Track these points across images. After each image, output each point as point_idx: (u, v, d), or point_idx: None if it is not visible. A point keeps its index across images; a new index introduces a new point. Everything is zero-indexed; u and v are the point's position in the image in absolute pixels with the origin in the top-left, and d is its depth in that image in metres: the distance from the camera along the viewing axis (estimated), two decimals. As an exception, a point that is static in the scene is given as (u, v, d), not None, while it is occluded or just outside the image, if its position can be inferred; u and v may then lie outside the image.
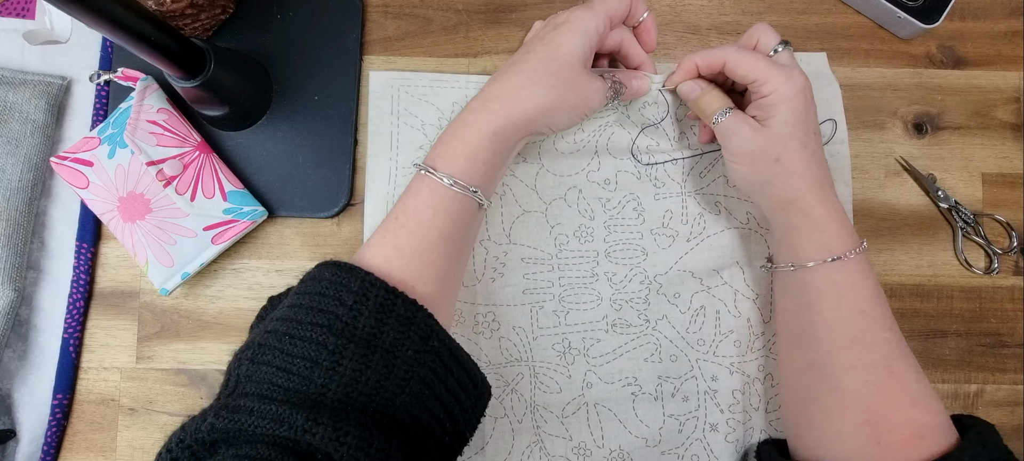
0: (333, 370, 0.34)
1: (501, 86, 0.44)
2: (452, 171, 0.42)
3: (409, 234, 0.41)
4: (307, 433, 0.31)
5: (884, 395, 0.41)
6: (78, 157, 0.49)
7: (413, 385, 0.36)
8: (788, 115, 0.43)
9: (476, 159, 0.42)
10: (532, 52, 0.45)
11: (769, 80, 0.43)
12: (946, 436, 0.40)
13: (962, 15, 0.57)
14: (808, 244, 0.45)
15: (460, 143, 0.43)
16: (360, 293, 0.36)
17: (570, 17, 0.45)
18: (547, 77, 0.43)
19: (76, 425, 0.52)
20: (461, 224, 0.43)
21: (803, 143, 0.44)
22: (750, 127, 0.44)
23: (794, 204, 0.45)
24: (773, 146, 0.44)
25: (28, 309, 0.52)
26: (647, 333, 0.52)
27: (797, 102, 0.43)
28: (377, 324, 0.36)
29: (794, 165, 0.44)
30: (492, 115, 0.43)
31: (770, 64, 0.44)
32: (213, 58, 0.46)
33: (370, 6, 0.56)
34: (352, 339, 0.35)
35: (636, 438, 0.51)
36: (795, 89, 0.43)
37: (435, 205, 0.41)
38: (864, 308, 0.43)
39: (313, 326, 0.35)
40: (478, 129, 0.43)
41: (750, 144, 0.44)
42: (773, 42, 0.45)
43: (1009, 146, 0.56)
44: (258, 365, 0.35)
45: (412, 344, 0.36)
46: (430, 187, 0.42)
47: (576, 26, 0.44)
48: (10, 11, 0.55)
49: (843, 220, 0.44)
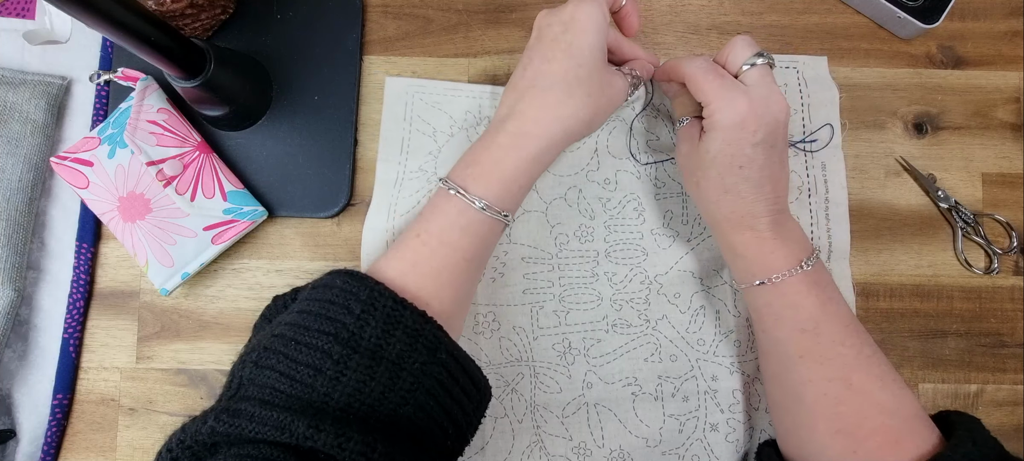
0: (337, 380, 0.34)
1: (536, 106, 0.42)
2: (486, 195, 0.41)
3: (431, 253, 0.40)
4: (309, 440, 0.31)
5: (847, 406, 0.40)
6: (78, 157, 0.49)
7: (418, 396, 0.35)
8: (714, 144, 0.42)
9: (513, 185, 0.41)
10: (554, 60, 0.42)
11: (710, 104, 0.42)
12: (926, 437, 0.39)
13: (962, 15, 0.57)
14: (734, 268, 0.46)
15: (497, 168, 0.41)
16: (368, 303, 0.36)
17: (576, 14, 0.42)
18: (579, 87, 0.42)
19: (76, 425, 0.52)
20: (486, 246, 0.42)
21: (722, 175, 0.42)
22: (687, 144, 0.45)
23: (715, 228, 0.45)
24: (695, 169, 0.44)
25: (28, 309, 0.52)
26: (647, 333, 0.52)
27: (727, 133, 0.41)
28: (383, 335, 0.35)
29: (709, 193, 0.44)
30: (532, 140, 0.41)
31: (720, 87, 0.41)
32: (213, 58, 0.46)
33: (370, 6, 0.56)
34: (357, 349, 0.35)
35: (636, 438, 0.51)
36: (730, 120, 0.41)
37: (462, 228, 0.40)
38: (805, 327, 0.42)
39: (319, 333, 0.35)
40: (517, 155, 0.41)
41: (682, 158, 0.46)
42: (744, 57, 0.42)
43: (1009, 146, 0.56)
44: (262, 369, 0.35)
45: (419, 356, 0.36)
46: (459, 209, 0.41)
47: (588, 22, 0.42)
48: (10, 11, 0.55)
49: (768, 244, 0.43)
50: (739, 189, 0.42)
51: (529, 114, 0.42)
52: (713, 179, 0.43)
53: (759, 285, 0.43)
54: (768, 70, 0.43)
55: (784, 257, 0.43)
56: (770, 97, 0.41)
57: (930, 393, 0.53)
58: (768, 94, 0.41)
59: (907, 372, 0.53)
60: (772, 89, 0.42)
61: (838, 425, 0.40)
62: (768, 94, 0.41)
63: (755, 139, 0.41)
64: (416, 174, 0.53)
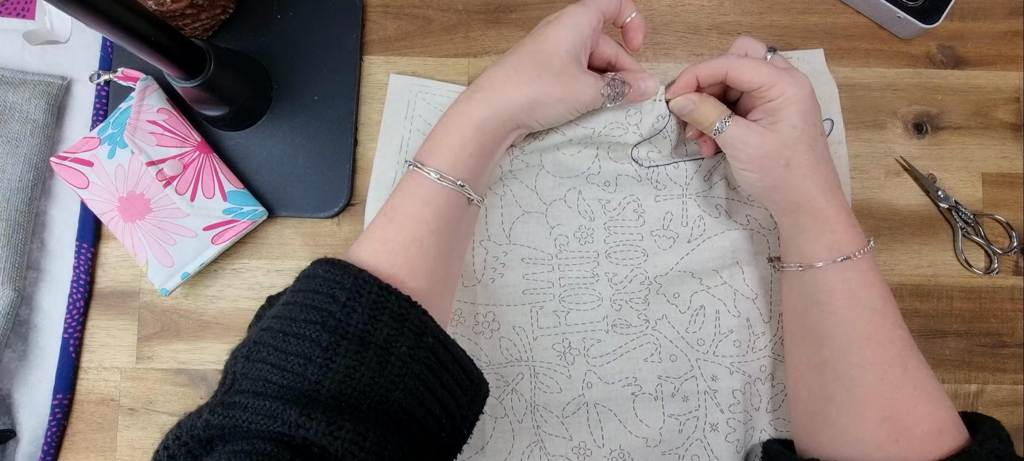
0: (326, 367, 0.34)
1: (487, 77, 0.44)
2: (439, 165, 0.42)
3: (397, 228, 0.41)
4: (301, 428, 0.31)
5: (902, 392, 0.41)
6: (78, 157, 0.49)
7: (408, 381, 0.36)
8: (796, 119, 0.43)
9: (462, 152, 0.42)
10: (522, 44, 0.45)
11: (776, 84, 0.43)
12: (960, 432, 0.41)
13: (962, 15, 0.57)
14: (817, 245, 0.44)
15: (446, 137, 0.43)
16: (353, 290, 0.36)
17: (562, 12, 0.45)
18: (533, 68, 0.43)
19: (76, 425, 0.52)
20: (450, 219, 0.42)
21: (811, 146, 0.44)
22: (756, 133, 0.44)
23: (804, 206, 0.44)
24: (782, 151, 0.43)
25: (28, 309, 0.52)
26: (647, 333, 0.52)
27: (805, 105, 0.43)
28: (370, 321, 0.36)
29: (804, 169, 0.44)
30: (476, 106, 0.43)
31: (774, 68, 0.43)
32: (213, 58, 0.46)
33: (370, 6, 0.56)
34: (345, 336, 0.35)
35: (636, 438, 0.51)
36: (803, 92, 0.43)
37: (423, 199, 0.41)
38: (876, 306, 0.43)
39: (307, 323, 0.35)
40: (463, 120, 0.43)
41: (759, 150, 0.44)
42: (762, 50, 0.46)
43: (1009, 146, 0.56)
44: (253, 363, 0.35)
45: (406, 340, 0.36)
46: (417, 182, 0.42)
47: (566, 20, 0.44)
48: (10, 11, 0.55)
49: (851, 219, 0.44)
50: (826, 157, 0.45)
51: (479, 83, 0.44)
52: (804, 154, 0.43)
53: (843, 261, 0.43)
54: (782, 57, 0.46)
55: (860, 232, 0.44)
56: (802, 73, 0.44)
57: (930, 393, 0.53)
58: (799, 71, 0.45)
59: (907, 372, 0.53)
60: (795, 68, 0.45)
61: (888, 411, 0.41)
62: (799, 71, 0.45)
63: (818, 108, 0.44)
64: None
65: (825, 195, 0.44)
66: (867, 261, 0.44)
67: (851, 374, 0.42)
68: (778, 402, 0.52)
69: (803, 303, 0.46)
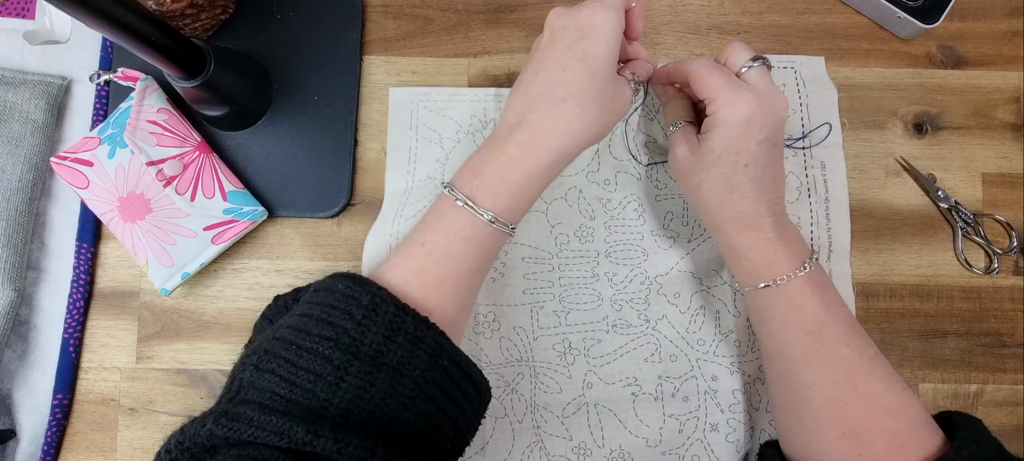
0: (337, 386, 0.34)
1: (548, 117, 0.40)
2: (494, 207, 0.39)
3: (436, 263, 0.39)
4: (307, 446, 0.31)
5: (852, 409, 0.40)
6: (78, 157, 0.49)
7: (419, 403, 0.35)
8: (718, 142, 0.42)
9: (523, 197, 0.40)
10: (569, 69, 0.40)
11: (715, 100, 0.42)
12: (929, 439, 0.39)
13: (962, 15, 0.57)
14: (737, 271, 0.45)
15: (506, 179, 0.40)
16: (370, 308, 0.35)
17: (594, 21, 0.41)
18: (595, 100, 0.40)
19: (76, 425, 0.52)
20: (491, 257, 0.42)
21: (726, 175, 0.42)
22: (685, 146, 0.44)
23: (718, 230, 0.45)
24: (697, 171, 0.43)
25: (28, 309, 0.52)
26: (647, 333, 0.52)
27: (733, 130, 0.41)
28: (385, 341, 0.35)
29: (713, 194, 0.43)
30: (545, 152, 0.40)
31: (725, 84, 0.41)
32: (213, 58, 0.46)
33: (370, 6, 0.56)
34: (358, 356, 0.34)
35: (636, 438, 0.51)
36: (735, 116, 0.41)
37: (468, 239, 0.39)
38: (810, 329, 0.42)
39: (320, 338, 0.35)
40: (528, 168, 0.40)
41: (679, 163, 0.45)
42: (743, 59, 0.43)
43: (1009, 146, 0.56)
44: (262, 373, 0.35)
45: (420, 363, 0.36)
46: (466, 221, 0.39)
47: (604, 32, 0.41)
48: (10, 11, 0.55)
49: (773, 246, 0.42)
50: (743, 187, 0.42)
51: (541, 125, 0.40)
52: (716, 179, 0.42)
53: (764, 288, 0.43)
54: (766, 71, 0.43)
55: (787, 258, 0.42)
56: (773, 94, 0.42)
57: (930, 393, 0.53)
58: (771, 92, 0.42)
59: (907, 372, 0.53)
60: (773, 87, 0.43)
61: (844, 428, 0.40)
62: (771, 92, 0.42)
63: (760, 136, 0.41)
64: (425, 182, 0.53)
65: (734, 225, 0.43)
66: (797, 285, 0.42)
67: (801, 393, 0.42)
68: (778, 402, 0.52)
69: (754, 319, 0.46)
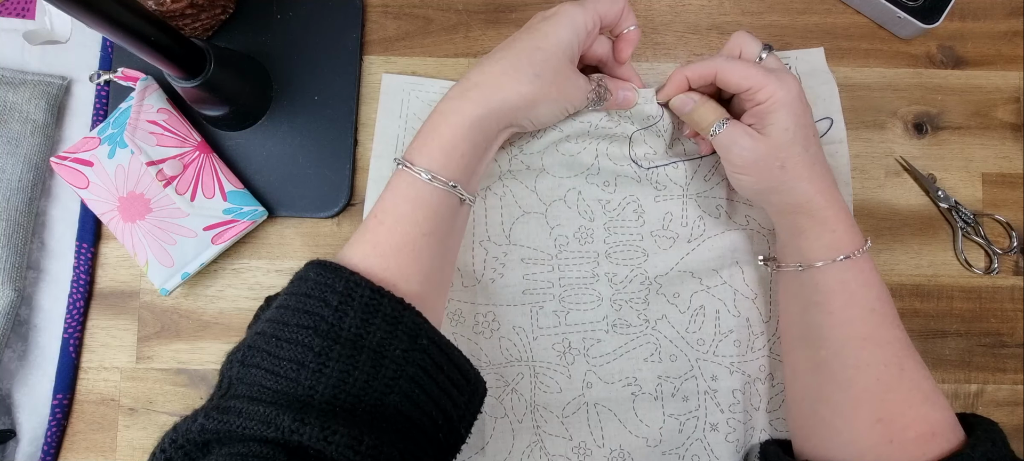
0: (319, 372, 0.34)
1: (481, 74, 0.43)
2: (430, 165, 0.41)
3: (388, 231, 0.40)
4: (294, 434, 0.31)
5: (896, 393, 0.41)
6: (78, 157, 0.49)
7: (403, 384, 0.35)
8: (787, 121, 0.43)
9: (454, 152, 0.41)
10: (517, 40, 0.43)
11: (764, 87, 0.43)
12: (955, 434, 0.40)
13: (962, 15, 0.57)
14: (817, 245, 0.44)
15: (437, 136, 0.41)
16: (345, 294, 0.36)
17: (560, 9, 0.44)
18: (530, 67, 0.42)
19: (76, 425, 0.52)
20: (442, 220, 0.42)
21: (805, 147, 0.43)
22: (750, 137, 0.44)
23: (802, 207, 0.44)
24: (776, 154, 0.43)
25: (28, 309, 0.52)
26: (647, 333, 0.52)
27: (795, 107, 0.43)
28: (363, 324, 0.35)
29: (799, 170, 0.43)
30: (471, 104, 0.42)
31: (762, 71, 0.43)
32: (213, 58, 0.46)
33: (370, 6, 0.56)
34: (338, 340, 0.35)
35: (636, 438, 0.51)
36: (792, 94, 0.43)
37: (413, 200, 0.40)
38: (874, 306, 0.43)
39: (299, 327, 0.35)
40: (456, 120, 0.41)
41: (752, 154, 0.44)
42: (757, 49, 0.45)
43: (1009, 146, 0.56)
44: (248, 367, 0.35)
45: (400, 343, 0.36)
46: (408, 182, 0.41)
47: (564, 19, 0.43)
48: (10, 11, 0.55)
49: (849, 219, 0.44)
50: (820, 157, 0.45)
51: (473, 79, 0.43)
52: (799, 155, 0.43)
53: (844, 260, 0.43)
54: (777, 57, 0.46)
55: (858, 232, 0.44)
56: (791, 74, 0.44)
57: (930, 393, 0.53)
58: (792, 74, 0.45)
59: (907, 372, 0.53)
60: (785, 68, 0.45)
61: (881, 412, 0.41)
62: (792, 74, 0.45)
63: (809, 109, 0.44)
64: None
65: (822, 195, 0.44)
66: (865, 261, 0.44)
67: (847, 375, 0.42)
68: (777, 402, 0.52)
69: (801, 304, 0.46)
